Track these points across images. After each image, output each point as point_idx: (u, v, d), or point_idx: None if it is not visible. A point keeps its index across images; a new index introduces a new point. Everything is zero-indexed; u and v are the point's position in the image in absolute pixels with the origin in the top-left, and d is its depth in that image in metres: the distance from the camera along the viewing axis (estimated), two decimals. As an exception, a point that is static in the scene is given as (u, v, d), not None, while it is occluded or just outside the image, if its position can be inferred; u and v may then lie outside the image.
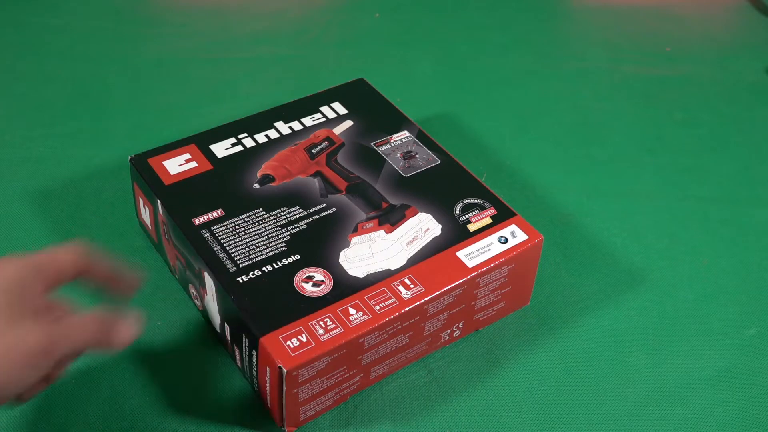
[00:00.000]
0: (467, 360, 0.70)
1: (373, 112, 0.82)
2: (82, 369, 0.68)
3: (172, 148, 0.76)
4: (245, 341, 0.64)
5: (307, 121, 0.80)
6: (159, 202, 0.71)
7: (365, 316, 0.63)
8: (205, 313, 0.70)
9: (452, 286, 0.66)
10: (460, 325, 0.70)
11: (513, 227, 0.71)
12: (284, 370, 0.60)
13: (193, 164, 0.75)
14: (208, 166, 0.75)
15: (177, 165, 0.74)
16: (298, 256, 0.67)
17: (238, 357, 0.66)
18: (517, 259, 0.69)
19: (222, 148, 0.76)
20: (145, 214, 0.75)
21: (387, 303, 0.64)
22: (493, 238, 0.70)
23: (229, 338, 0.67)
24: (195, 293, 0.71)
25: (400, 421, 0.66)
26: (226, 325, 0.66)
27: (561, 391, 0.68)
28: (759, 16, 1.11)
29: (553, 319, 0.74)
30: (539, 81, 1.00)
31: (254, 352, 0.63)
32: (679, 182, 0.87)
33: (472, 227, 0.70)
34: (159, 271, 0.75)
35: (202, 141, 0.77)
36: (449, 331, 0.69)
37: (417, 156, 0.77)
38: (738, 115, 0.96)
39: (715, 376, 0.70)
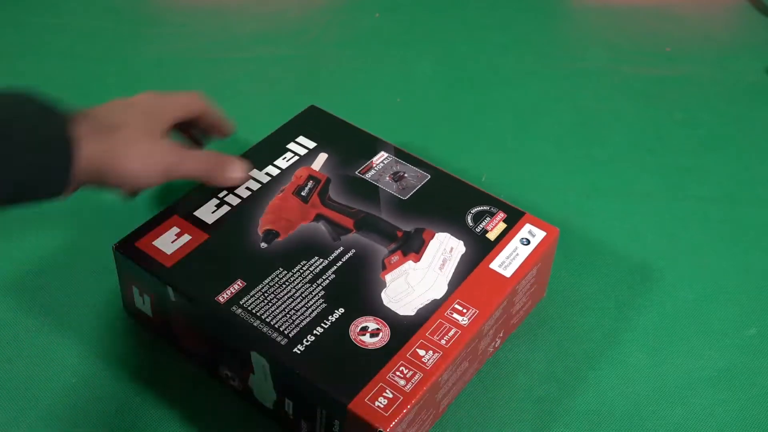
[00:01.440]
0: (467, 360, 0.70)
1: (342, 138, 0.78)
2: (85, 370, 0.68)
3: (154, 225, 0.69)
4: (321, 413, 0.60)
5: (281, 163, 0.75)
6: (170, 288, 0.64)
7: (437, 354, 0.61)
8: (247, 393, 0.65)
9: (501, 300, 0.65)
10: (501, 334, 0.69)
11: (529, 227, 0.70)
12: None
13: (187, 237, 0.68)
14: (204, 236, 0.68)
15: (170, 242, 0.67)
16: (342, 310, 0.64)
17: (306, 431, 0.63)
18: (542, 257, 0.69)
19: (208, 213, 0.70)
20: (144, 303, 0.68)
21: (450, 334, 0.62)
22: (516, 242, 0.69)
23: (291, 414, 0.62)
24: (231, 374, 0.65)
25: (400, 421, 0.66)
26: (287, 400, 0.62)
27: (561, 391, 0.68)
28: (759, 16, 1.11)
29: (553, 319, 0.74)
30: (539, 81, 1.00)
31: (336, 422, 0.59)
32: (679, 182, 0.87)
33: (491, 236, 0.70)
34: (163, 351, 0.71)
35: (183, 210, 0.70)
36: (494, 343, 0.69)
37: (406, 175, 0.74)
38: (738, 115, 0.96)
39: (715, 376, 0.70)
